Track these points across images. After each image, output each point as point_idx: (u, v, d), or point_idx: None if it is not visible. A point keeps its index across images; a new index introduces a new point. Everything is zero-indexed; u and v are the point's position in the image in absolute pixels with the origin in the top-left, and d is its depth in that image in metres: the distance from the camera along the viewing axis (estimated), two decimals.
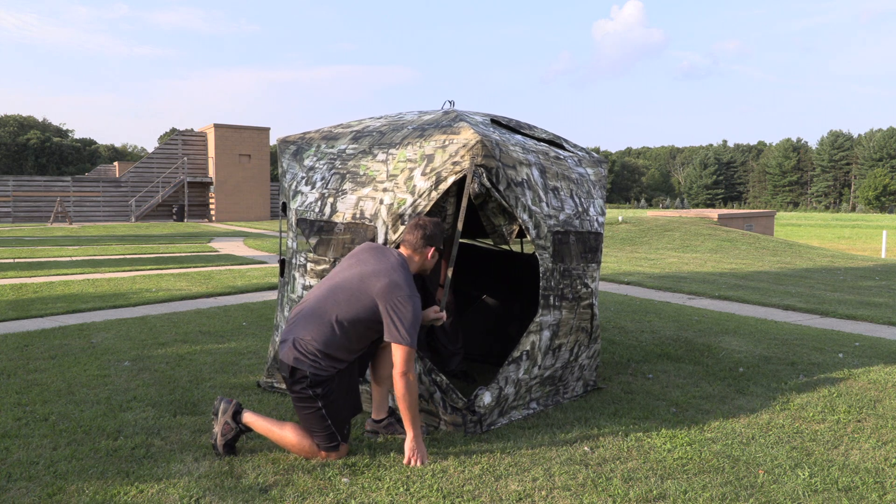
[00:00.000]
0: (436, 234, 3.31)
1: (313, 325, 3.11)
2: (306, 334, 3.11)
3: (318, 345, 3.08)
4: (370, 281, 3.11)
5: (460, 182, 3.64)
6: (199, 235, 21.38)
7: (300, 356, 3.10)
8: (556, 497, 2.83)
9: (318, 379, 3.08)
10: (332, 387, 3.11)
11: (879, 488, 2.96)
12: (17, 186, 31.95)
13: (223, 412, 3.22)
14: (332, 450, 3.13)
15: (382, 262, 3.18)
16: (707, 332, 6.31)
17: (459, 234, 3.54)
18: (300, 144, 4.31)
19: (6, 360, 5.01)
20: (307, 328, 3.12)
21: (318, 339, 3.09)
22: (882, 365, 5.14)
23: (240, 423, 3.21)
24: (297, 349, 3.11)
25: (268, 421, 3.23)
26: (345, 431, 3.17)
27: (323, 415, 3.11)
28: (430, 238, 3.29)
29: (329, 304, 3.13)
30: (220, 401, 3.28)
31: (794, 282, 10.85)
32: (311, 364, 3.08)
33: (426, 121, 3.93)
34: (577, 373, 4.24)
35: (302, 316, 3.18)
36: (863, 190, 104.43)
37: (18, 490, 2.83)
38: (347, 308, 3.10)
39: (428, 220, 3.32)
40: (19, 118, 77.02)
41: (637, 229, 22.25)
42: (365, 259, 3.23)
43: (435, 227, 3.32)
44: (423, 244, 3.28)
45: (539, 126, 4.61)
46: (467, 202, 4.59)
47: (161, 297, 8.13)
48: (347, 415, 3.19)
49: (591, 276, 4.20)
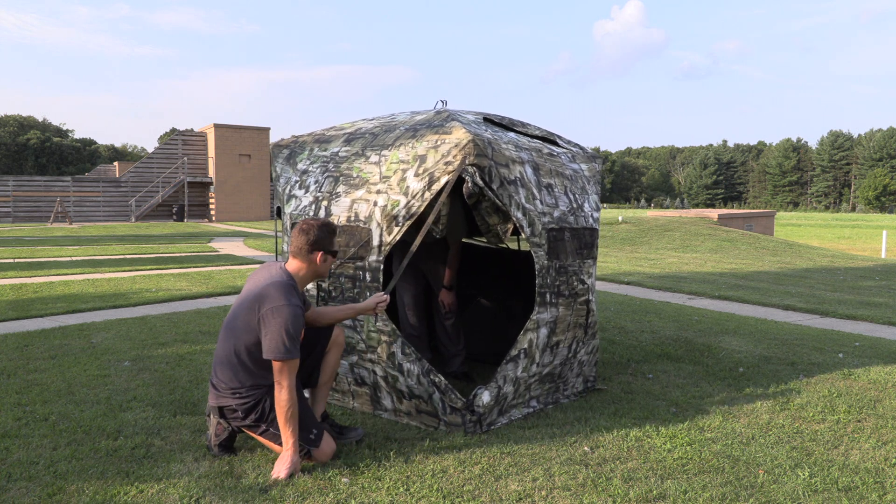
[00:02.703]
0: (321, 237, 3.16)
1: (223, 367, 3.13)
2: (222, 377, 3.14)
3: (234, 382, 3.11)
4: (255, 301, 3.07)
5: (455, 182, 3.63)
6: (199, 235, 21.38)
7: (221, 395, 3.13)
8: (556, 497, 2.83)
9: (248, 406, 3.10)
10: (266, 405, 3.11)
11: (879, 488, 2.96)
12: (17, 186, 31.95)
13: (215, 413, 3.22)
14: (305, 456, 3.10)
15: (264, 277, 3.14)
16: (707, 332, 6.31)
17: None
18: (293, 148, 4.32)
19: (6, 360, 5.01)
20: (220, 370, 3.15)
21: (231, 378, 3.11)
22: (882, 365, 5.13)
23: (231, 424, 3.21)
24: (217, 390, 3.15)
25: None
26: (311, 437, 3.09)
27: (274, 433, 3.11)
28: (315, 243, 3.14)
29: (230, 339, 3.12)
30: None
31: (794, 282, 10.85)
32: (234, 398, 3.10)
33: (418, 121, 3.92)
34: (576, 369, 4.24)
35: (216, 357, 3.20)
36: (863, 190, 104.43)
37: (18, 490, 2.83)
38: (246, 336, 3.07)
39: (313, 224, 3.16)
40: (19, 118, 77.02)
41: (637, 229, 22.25)
42: (255, 279, 3.21)
43: (321, 229, 3.16)
44: (308, 250, 3.14)
45: (536, 125, 4.60)
46: (461, 202, 4.60)
47: (161, 297, 8.13)
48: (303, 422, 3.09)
49: (588, 273, 4.20)
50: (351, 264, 3.77)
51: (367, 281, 3.71)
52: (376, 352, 3.74)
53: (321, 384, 3.44)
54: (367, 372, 3.83)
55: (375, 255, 3.67)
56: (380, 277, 3.67)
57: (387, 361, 3.71)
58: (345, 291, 3.81)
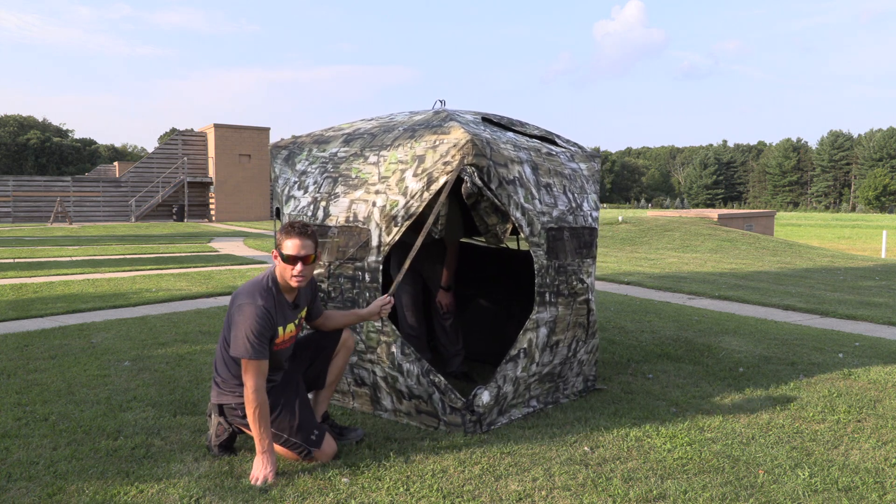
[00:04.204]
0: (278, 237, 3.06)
1: (220, 364, 3.16)
2: (221, 373, 3.16)
3: (229, 377, 3.12)
4: (232, 298, 3.10)
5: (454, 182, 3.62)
6: (199, 235, 21.38)
7: (222, 392, 3.15)
8: (556, 497, 2.83)
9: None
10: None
11: (879, 488, 2.96)
12: (17, 186, 31.94)
13: (216, 414, 3.23)
14: (306, 457, 3.11)
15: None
16: (707, 332, 6.30)
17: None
18: (292, 149, 4.32)
19: (6, 360, 5.01)
20: (219, 366, 3.17)
21: (226, 373, 3.13)
22: (882, 365, 5.13)
23: (232, 424, 3.22)
24: (218, 387, 3.16)
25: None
26: (312, 437, 3.10)
27: (274, 433, 3.11)
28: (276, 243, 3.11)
29: (223, 337, 3.14)
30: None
31: (794, 282, 10.85)
32: (233, 396, 3.11)
33: (417, 121, 3.92)
34: (576, 368, 4.24)
35: (216, 354, 3.23)
36: (863, 190, 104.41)
37: (18, 490, 2.83)
38: (228, 333, 3.09)
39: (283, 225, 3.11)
40: (19, 118, 77.03)
41: (637, 229, 22.25)
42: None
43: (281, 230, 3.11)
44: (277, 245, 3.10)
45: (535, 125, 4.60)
46: (459, 202, 4.59)
47: (161, 297, 8.13)
48: (304, 423, 3.10)
49: (587, 272, 4.20)
50: (350, 265, 3.77)
51: (367, 281, 3.70)
52: (376, 352, 3.74)
53: (327, 385, 3.44)
54: (367, 372, 3.83)
55: (374, 255, 3.67)
56: (379, 278, 3.67)
57: (386, 362, 3.71)
58: (344, 292, 3.81)
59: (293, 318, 3.19)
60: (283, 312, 3.11)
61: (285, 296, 3.13)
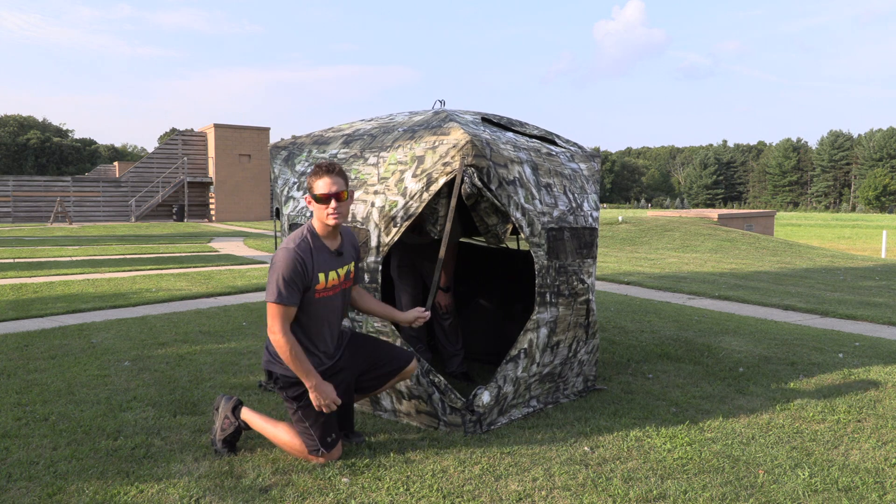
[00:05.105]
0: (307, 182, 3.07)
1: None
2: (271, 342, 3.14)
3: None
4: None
5: (451, 183, 3.62)
6: (199, 235, 21.38)
7: (270, 359, 3.13)
8: (556, 497, 2.83)
9: (289, 381, 3.08)
10: (304, 390, 3.08)
11: (879, 488, 2.96)
12: (17, 186, 31.94)
13: (224, 407, 3.25)
14: (314, 454, 3.11)
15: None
16: (707, 332, 6.30)
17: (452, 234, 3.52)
18: (291, 150, 4.32)
19: (6, 360, 5.01)
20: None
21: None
22: (882, 365, 5.13)
23: (239, 419, 3.22)
24: (269, 352, 3.15)
25: (263, 419, 3.24)
26: (328, 439, 3.11)
27: (300, 417, 3.11)
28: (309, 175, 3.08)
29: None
30: (220, 398, 3.32)
31: (794, 282, 10.85)
32: (279, 365, 3.09)
33: (416, 122, 3.91)
34: (576, 368, 4.24)
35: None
36: (863, 190, 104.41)
37: (18, 490, 2.83)
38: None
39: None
40: (19, 118, 77.03)
41: (637, 229, 22.25)
42: None
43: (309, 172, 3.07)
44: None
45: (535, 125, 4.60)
46: (458, 202, 4.59)
47: (161, 297, 8.13)
48: (329, 423, 3.11)
49: (587, 272, 4.20)
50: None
51: (366, 282, 3.70)
52: None
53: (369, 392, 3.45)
54: None
55: (374, 255, 3.67)
56: (378, 278, 3.67)
57: None
58: None
59: (336, 265, 3.11)
60: (322, 257, 3.04)
61: (325, 242, 3.09)
